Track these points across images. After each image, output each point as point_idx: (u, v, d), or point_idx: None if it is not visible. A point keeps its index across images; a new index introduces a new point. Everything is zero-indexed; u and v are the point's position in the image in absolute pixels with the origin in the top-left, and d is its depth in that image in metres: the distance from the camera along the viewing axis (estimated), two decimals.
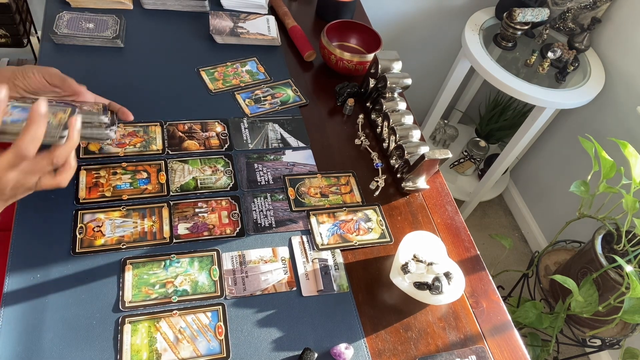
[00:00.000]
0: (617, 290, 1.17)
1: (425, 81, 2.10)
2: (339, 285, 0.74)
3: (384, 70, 0.96)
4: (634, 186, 1.14)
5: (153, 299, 0.67)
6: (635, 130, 1.52)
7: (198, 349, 0.64)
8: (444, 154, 0.81)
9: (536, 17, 1.52)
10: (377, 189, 0.89)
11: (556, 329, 1.30)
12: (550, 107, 1.47)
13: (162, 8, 1.11)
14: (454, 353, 0.70)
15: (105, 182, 0.78)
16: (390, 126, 0.92)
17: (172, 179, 0.81)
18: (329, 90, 1.05)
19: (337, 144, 0.95)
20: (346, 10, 1.21)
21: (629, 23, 1.52)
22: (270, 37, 1.10)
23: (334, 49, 1.03)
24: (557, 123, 1.87)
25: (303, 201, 0.83)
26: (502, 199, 2.23)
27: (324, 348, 0.67)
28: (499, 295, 0.79)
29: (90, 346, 0.62)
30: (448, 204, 0.90)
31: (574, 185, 1.23)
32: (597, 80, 1.56)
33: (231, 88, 0.99)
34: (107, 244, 0.71)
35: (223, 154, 0.87)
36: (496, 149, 2.15)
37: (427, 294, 0.72)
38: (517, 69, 1.54)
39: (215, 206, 0.79)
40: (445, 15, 1.85)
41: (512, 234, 2.11)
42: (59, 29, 0.97)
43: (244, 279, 0.72)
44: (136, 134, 0.85)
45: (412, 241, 0.77)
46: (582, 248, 1.34)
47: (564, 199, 1.86)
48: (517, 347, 0.73)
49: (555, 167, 1.91)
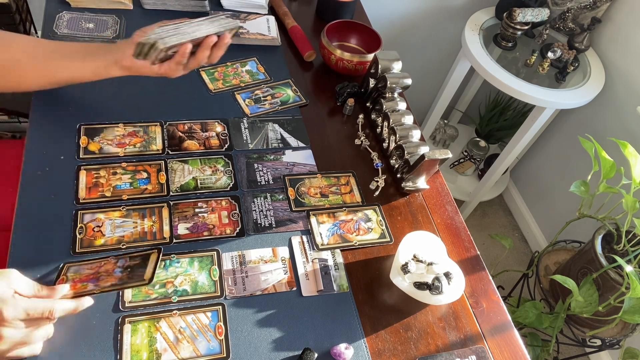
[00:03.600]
0: (617, 290, 1.17)
1: (425, 81, 2.10)
2: (339, 285, 0.74)
3: (384, 70, 0.96)
4: (634, 186, 1.14)
5: (153, 299, 0.67)
6: (635, 130, 1.52)
7: (198, 349, 0.64)
8: (444, 154, 0.81)
9: (536, 17, 1.52)
10: (377, 189, 0.89)
11: (556, 329, 1.30)
12: (550, 107, 1.47)
13: (162, 8, 1.11)
14: (454, 353, 0.70)
15: (105, 182, 0.78)
16: (390, 126, 0.92)
17: (172, 179, 0.81)
18: (329, 90, 1.05)
19: (337, 144, 0.95)
20: (346, 10, 1.21)
21: (629, 23, 1.52)
22: (270, 37, 1.10)
23: (334, 49, 1.03)
24: (557, 123, 1.87)
25: (303, 201, 0.83)
26: (502, 199, 2.23)
27: (324, 348, 0.67)
28: (499, 295, 0.79)
29: (90, 346, 0.62)
30: (448, 204, 0.90)
31: (574, 185, 1.22)
32: (597, 80, 1.56)
33: (231, 88, 0.99)
34: (107, 244, 0.71)
35: (223, 154, 0.87)
36: (496, 149, 2.15)
37: (427, 294, 0.72)
38: (517, 69, 1.54)
39: (215, 206, 0.79)
40: (445, 15, 1.85)
41: (512, 234, 2.11)
42: (59, 29, 0.97)
43: (244, 279, 0.72)
44: (136, 134, 0.85)
45: (412, 241, 0.77)
46: (582, 248, 1.34)
47: (564, 199, 1.86)
48: (517, 347, 0.73)
49: (555, 167, 1.91)
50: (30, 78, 0.78)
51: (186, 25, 0.74)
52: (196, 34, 0.74)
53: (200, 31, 0.75)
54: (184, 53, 0.75)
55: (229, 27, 0.78)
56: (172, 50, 0.74)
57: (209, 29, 0.76)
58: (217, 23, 0.77)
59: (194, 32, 0.74)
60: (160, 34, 0.72)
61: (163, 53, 0.74)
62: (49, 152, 0.79)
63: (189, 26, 0.74)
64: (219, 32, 0.77)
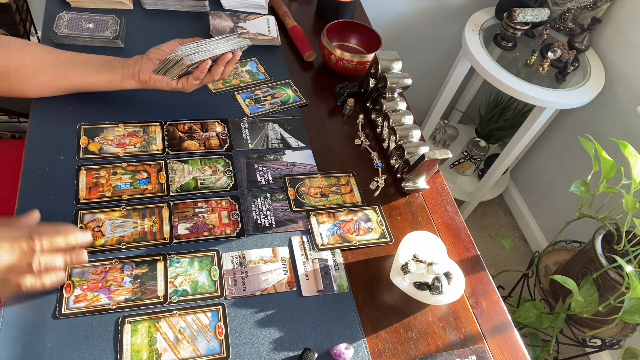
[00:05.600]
0: (617, 290, 1.17)
1: (425, 81, 2.10)
2: (339, 285, 0.74)
3: (384, 70, 0.96)
4: (634, 186, 1.14)
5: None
6: (635, 130, 1.52)
7: (198, 349, 0.64)
8: (444, 154, 0.81)
9: (536, 17, 1.52)
10: (377, 189, 0.89)
11: (556, 329, 1.30)
12: (550, 107, 1.47)
13: (162, 8, 1.11)
14: (454, 353, 0.70)
15: (105, 182, 0.78)
16: (390, 126, 0.92)
17: (172, 179, 0.81)
18: (329, 90, 1.05)
19: (337, 144, 0.95)
20: (346, 10, 1.21)
21: (629, 23, 1.52)
22: (270, 37, 1.10)
23: (334, 49, 1.03)
24: (557, 123, 1.87)
25: (303, 201, 0.83)
26: (502, 199, 2.23)
27: (324, 348, 0.67)
28: (499, 295, 0.79)
29: (90, 346, 0.62)
30: (448, 204, 0.90)
31: (574, 185, 1.23)
32: (597, 80, 1.56)
33: (231, 88, 0.99)
34: (107, 244, 0.71)
35: (223, 154, 0.87)
36: (496, 149, 2.15)
37: (427, 294, 0.72)
38: (517, 69, 1.54)
39: (215, 206, 0.79)
40: (445, 15, 1.85)
41: (512, 234, 2.11)
42: (59, 29, 0.97)
43: (244, 279, 0.72)
44: (136, 134, 0.85)
45: (412, 241, 0.77)
46: (582, 248, 1.34)
47: (564, 199, 1.86)
48: (517, 347, 0.73)
49: (555, 167, 1.91)
50: (40, 83, 0.79)
51: (206, 44, 0.80)
52: (215, 51, 0.80)
53: (218, 49, 0.80)
54: (204, 69, 0.80)
55: (240, 46, 0.83)
56: (192, 67, 0.80)
57: (225, 47, 0.81)
58: (231, 42, 0.82)
59: (213, 49, 0.80)
60: (185, 52, 0.77)
61: (185, 69, 0.79)
62: (49, 152, 0.79)
63: (209, 44, 0.80)
64: (233, 50, 0.82)
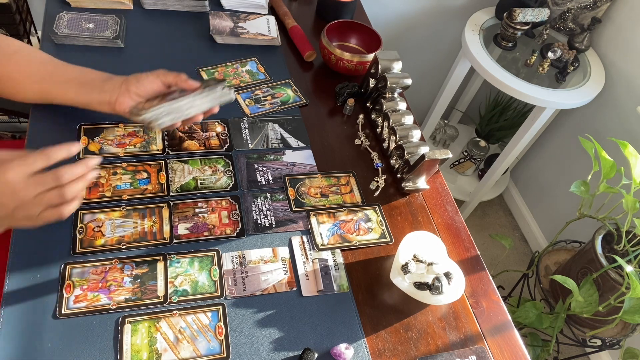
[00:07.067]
0: (617, 290, 1.17)
1: (425, 81, 2.10)
2: (339, 285, 0.74)
3: (384, 70, 0.96)
4: (634, 186, 1.14)
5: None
6: (635, 130, 1.52)
7: (198, 349, 0.64)
8: (444, 154, 0.81)
9: (536, 17, 1.52)
10: (377, 189, 0.89)
11: (556, 329, 1.30)
12: (550, 107, 1.47)
13: (162, 8, 1.11)
14: (454, 353, 0.70)
15: (105, 182, 0.78)
16: (391, 126, 0.92)
17: (172, 179, 0.81)
18: (329, 90, 1.05)
19: (337, 144, 0.95)
20: (346, 10, 1.21)
21: (629, 23, 1.52)
22: (270, 37, 1.10)
23: (334, 49, 1.03)
24: (557, 123, 1.87)
25: (303, 201, 0.83)
26: (502, 199, 2.23)
27: (324, 348, 0.67)
28: (499, 295, 0.79)
29: (90, 346, 0.62)
30: (448, 204, 0.90)
31: (574, 185, 1.23)
32: (597, 80, 1.56)
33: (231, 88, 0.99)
34: (107, 244, 0.71)
35: (223, 154, 0.87)
36: (496, 149, 2.15)
37: (427, 294, 0.72)
38: (517, 69, 1.54)
39: (215, 206, 0.79)
40: (445, 15, 1.85)
41: (512, 234, 2.11)
42: (59, 29, 0.97)
43: (244, 279, 0.72)
44: (136, 134, 0.85)
45: (412, 241, 0.77)
46: (582, 248, 1.34)
47: (564, 199, 1.86)
48: (517, 347, 0.73)
49: (555, 167, 1.91)
50: (25, 94, 0.79)
51: (182, 101, 0.74)
52: (189, 111, 0.76)
53: (193, 108, 0.76)
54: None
55: (222, 101, 0.79)
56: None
57: (202, 105, 0.77)
58: (213, 96, 0.77)
59: (187, 109, 0.75)
60: (156, 114, 0.72)
61: None
62: None
63: (185, 102, 0.74)
64: (212, 106, 0.78)
